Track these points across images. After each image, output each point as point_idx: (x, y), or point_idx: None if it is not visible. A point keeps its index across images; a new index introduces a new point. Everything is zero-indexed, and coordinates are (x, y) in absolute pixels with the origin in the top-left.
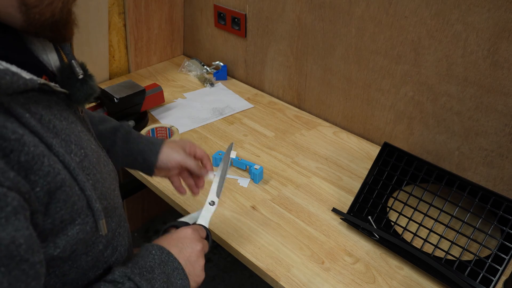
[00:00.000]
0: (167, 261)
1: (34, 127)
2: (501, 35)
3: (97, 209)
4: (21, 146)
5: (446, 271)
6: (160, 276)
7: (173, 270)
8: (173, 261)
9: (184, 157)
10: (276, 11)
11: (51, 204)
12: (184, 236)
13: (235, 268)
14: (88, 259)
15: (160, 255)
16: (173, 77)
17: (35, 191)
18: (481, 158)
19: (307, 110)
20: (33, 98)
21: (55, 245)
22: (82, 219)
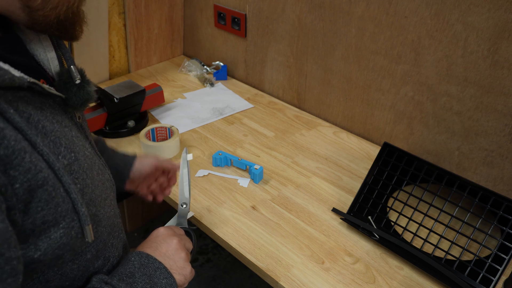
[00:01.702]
0: (147, 263)
1: (18, 123)
2: (501, 35)
3: (83, 214)
4: (1, 139)
5: (446, 271)
6: (141, 278)
7: (154, 270)
8: (153, 262)
9: (158, 160)
10: (276, 11)
11: (32, 203)
12: (156, 235)
13: (235, 268)
14: (74, 267)
15: (139, 259)
16: (173, 77)
17: (14, 187)
18: (481, 158)
19: (307, 110)
20: (24, 98)
21: (36, 247)
22: (67, 222)
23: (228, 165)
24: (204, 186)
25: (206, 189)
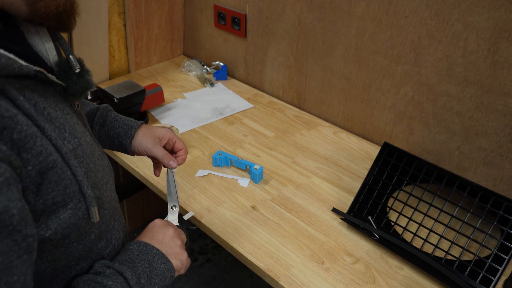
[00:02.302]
0: (145, 250)
1: (27, 109)
2: (501, 35)
3: (88, 195)
4: (14, 124)
5: (446, 271)
6: (141, 263)
7: (153, 256)
8: (151, 249)
9: (152, 147)
10: (276, 11)
11: (43, 184)
12: (152, 226)
13: (235, 268)
14: (79, 247)
15: (137, 247)
16: (173, 77)
17: (27, 169)
18: (481, 158)
19: (307, 110)
20: (30, 86)
21: (47, 227)
22: (75, 204)
23: (228, 165)
24: (204, 186)
25: (206, 189)
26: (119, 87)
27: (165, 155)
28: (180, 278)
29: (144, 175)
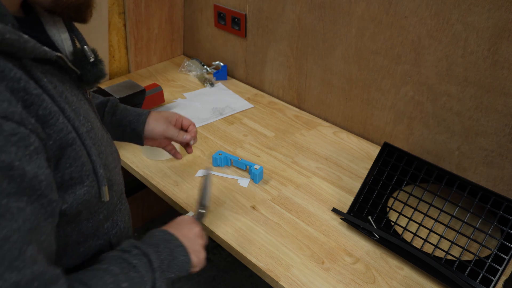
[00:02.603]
0: (170, 239)
1: (50, 90)
2: (501, 35)
3: (100, 175)
4: (40, 101)
5: (446, 271)
6: (164, 250)
7: (175, 246)
8: (175, 240)
9: (166, 128)
10: (276, 11)
11: (62, 159)
12: (180, 221)
13: (235, 268)
14: (89, 225)
15: (163, 235)
16: (173, 77)
17: (49, 143)
18: (481, 158)
19: (307, 110)
20: (50, 71)
21: (64, 200)
22: (90, 182)
23: (228, 165)
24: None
25: None
26: (119, 87)
27: (179, 132)
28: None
29: (144, 175)
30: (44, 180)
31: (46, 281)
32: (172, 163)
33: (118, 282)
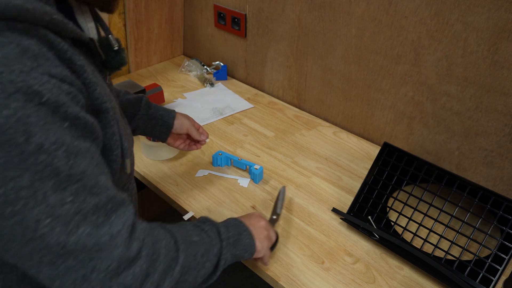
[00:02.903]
0: (238, 224)
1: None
2: (501, 35)
3: (125, 148)
4: (82, 71)
5: (446, 271)
6: (233, 231)
7: (243, 230)
8: (243, 226)
9: (191, 125)
10: (276, 11)
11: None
12: (251, 215)
13: (235, 268)
14: None
15: (234, 221)
16: (173, 77)
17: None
18: (481, 158)
19: (307, 110)
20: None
21: None
22: (118, 152)
23: (228, 165)
24: (204, 186)
25: (206, 189)
26: (120, 87)
27: (197, 131)
28: None
29: (144, 175)
30: (96, 126)
31: (117, 203)
32: (172, 163)
33: (191, 234)
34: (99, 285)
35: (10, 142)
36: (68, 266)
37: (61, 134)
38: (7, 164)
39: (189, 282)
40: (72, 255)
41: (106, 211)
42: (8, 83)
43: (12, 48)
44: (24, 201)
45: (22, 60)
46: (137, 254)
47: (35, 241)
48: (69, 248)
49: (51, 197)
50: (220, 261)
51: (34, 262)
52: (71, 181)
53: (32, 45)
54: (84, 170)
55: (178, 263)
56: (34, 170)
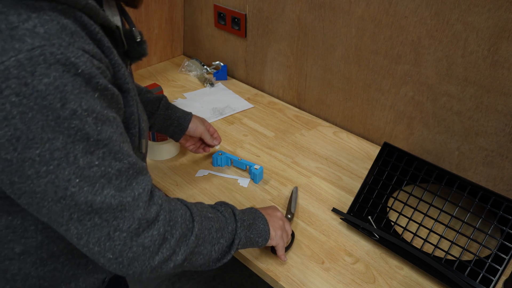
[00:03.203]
0: (254, 211)
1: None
2: (501, 35)
3: (141, 128)
4: (110, 53)
5: (446, 271)
6: (248, 216)
7: (258, 216)
8: (258, 213)
9: (205, 130)
10: (276, 11)
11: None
12: (267, 207)
13: (235, 268)
14: None
15: (249, 209)
16: (173, 77)
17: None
18: (481, 158)
19: (307, 110)
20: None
21: None
22: (135, 131)
23: (228, 165)
24: (204, 186)
25: (206, 189)
26: None
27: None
28: (180, 278)
29: None
30: (121, 99)
31: (137, 170)
32: (172, 163)
33: (206, 211)
34: (121, 244)
35: (48, 107)
36: (94, 224)
37: (92, 103)
38: (45, 127)
39: (204, 255)
40: (98, 214)
41: (128, 177)
42: (49, 54)
43: (53, 25)
44: (57, 162)
45: (61, 36)
46: (156, 217)
47: (66, 199)
48: (95, 207)
49: (80, 160)
50: (235, 239)
51: (64, 219)
52: (99, 145)
53: (69, 24)
54: (110, 137)
55: (193, 233)
56: (67, 133)
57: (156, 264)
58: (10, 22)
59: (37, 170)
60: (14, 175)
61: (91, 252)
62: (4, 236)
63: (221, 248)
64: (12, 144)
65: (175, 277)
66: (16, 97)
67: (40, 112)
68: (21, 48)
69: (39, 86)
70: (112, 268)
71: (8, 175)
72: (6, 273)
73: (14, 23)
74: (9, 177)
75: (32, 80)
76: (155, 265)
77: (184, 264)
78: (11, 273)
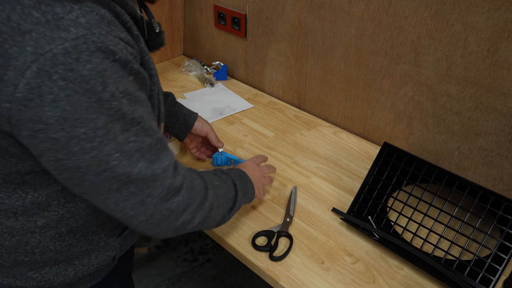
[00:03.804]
0: (243, 176)
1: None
2: (501, 35)
3: (161, 112)
4: (138, 40)
5: (446, 271)
6: (241, 183)
7: (247, 181)
8: (247, 177)
9: (211, 129)
10: (276, 11)
11: None
12: (247, 165)
13: (235, 268)
14: None
15: (238, 171)
16: (173, 77)
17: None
18: (480, 158)
19: (307, 110)
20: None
21: None
22: (155, 112)
23: (228, 165)
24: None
25: None
26: None
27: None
28: (180, 278)
29: None
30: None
31: (163, 145)
32: None
33: (213, 180)
34: (152, 208)
35: (91, 90)
36: (130, 192)
37: (128, 86)
38: (88, 108)
39: (213, 218)
40: (134, 183)
41: (156, 151)
42: (91, 43)
43: (93, 15)
44: (100, 139)
45: (100, 25)
46: (181, 186)
47: (107, 171)
48: (132, 177)
49: (119, 136)
50: (235, 205)
51: (104, 190)
52: (134, 123)
53: (106, 14)
54: (142, 115)
55: (208, 200)
56: (107, 113)
57: (179, 225)
58: (56, 13)
59: (82, 146)
60: (60, 152)
61: (126, 216)
62: (29, 210)
63: (224, 212)
64: (60, 124)
65: (175, 277)
66: (63, 81)
67: (84, 94)
68: (67, 37)
69: (83, 71)
70: (143, 228)
71: (54, 152)
72: (27, 246)
73: (59, 14)
74: (55, 154)
75: (77, 66)
76: (177, 226)
77: (199, 226)
78: (31, 245)
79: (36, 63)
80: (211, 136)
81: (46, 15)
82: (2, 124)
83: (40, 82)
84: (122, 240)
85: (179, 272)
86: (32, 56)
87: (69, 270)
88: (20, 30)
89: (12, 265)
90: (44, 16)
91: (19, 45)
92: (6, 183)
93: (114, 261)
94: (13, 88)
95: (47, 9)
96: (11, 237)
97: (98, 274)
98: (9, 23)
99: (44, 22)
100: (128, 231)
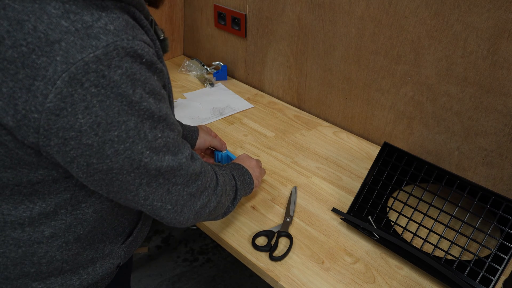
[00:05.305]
0: (240, 167)
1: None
2: (501, 35)
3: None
4: (156, 47)
5: (446, 271)
6: (238, 174)
7: (245, 172)
8: (243, 168)
9: (212, 139)
10: (276, 11)
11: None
12: (243, 158)
13: (235, 268)
14: None
15: (236, 165)
16: (173, 77)
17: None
18: (480, 158)
19: (307, 110)
20: None
21: None
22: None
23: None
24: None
25: None
26: None
27: (220, 143)
28: (180, 278)
29: None
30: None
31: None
32: None
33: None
34: (176, 194)
35: (122, 94)
36: (158, 184)
37: (154, 85)
38: (120, 112)
39: (222, 204)
40: (162, 176)
41: (178, 142)
42: (120, 49)
43: (120, 21)
44: (132, 139)
45: (126, 31)
46: (199, 172)
47: (139, 169)
48: (162, 171)
49: (149, 135)
50: (237, 194)
51: (134, 186)
52: (160, 120)
53: (129, 19)
54: (166, 112)
55: (219, 184)
56: (137, 114)
57: (198, 208)
58: (85, 21)
59: (116, 149)
60: (93, 157)
61: (154, 208)
62: (36, 221)
63: (230, 200)
64: (94, 129)
65: (175, 277)
66: (95, 88)
67: (116, 99)
68: (98, 45)
69: (114, 76)
70: (169, 218)
71: (87, 158)
72: (34, 256)
73: (88, 22)
74: (87, 159)
75: (108, 72)
76: (197, 210)
77: (212, 213)
78: (38, 256)
79: (67, 72)
80: (215, 144)
81: (76, 24)
82: (28, 135)
83: (72, 90)
84: (126, 247)
85: (179, 272)
86: (63, 66)
87: (74, 280)
88: (48, 40)
89: (18, 277)
90: (74, 25)
91: (47, 55)
92: (14, 194)
93: (117, 269)
94: (43, 98)
95: (76, 18)
96: (17, 249)
97: (101, 283)
98: (35, 33)
99: (73, 31)
100: (132, 238)
